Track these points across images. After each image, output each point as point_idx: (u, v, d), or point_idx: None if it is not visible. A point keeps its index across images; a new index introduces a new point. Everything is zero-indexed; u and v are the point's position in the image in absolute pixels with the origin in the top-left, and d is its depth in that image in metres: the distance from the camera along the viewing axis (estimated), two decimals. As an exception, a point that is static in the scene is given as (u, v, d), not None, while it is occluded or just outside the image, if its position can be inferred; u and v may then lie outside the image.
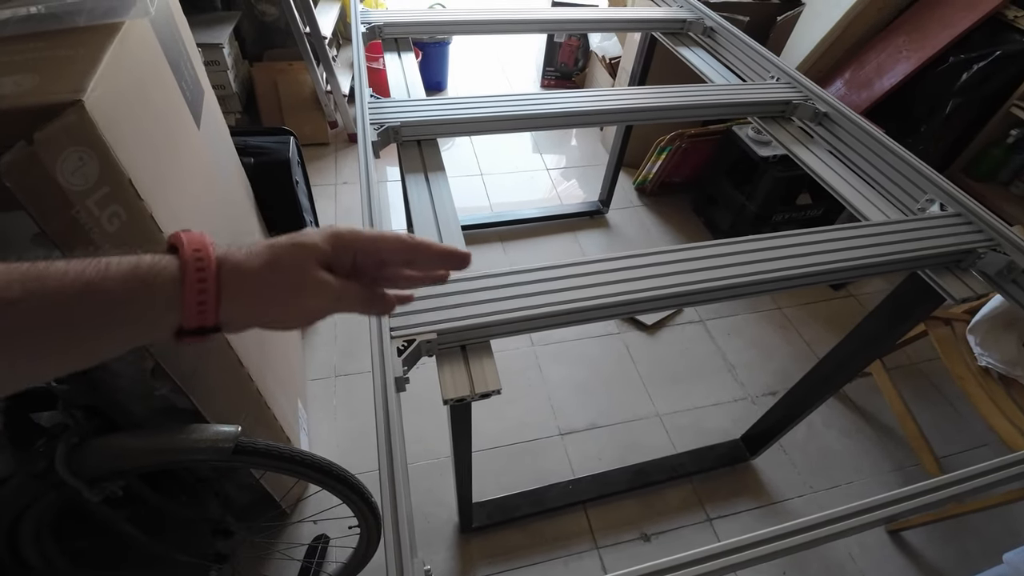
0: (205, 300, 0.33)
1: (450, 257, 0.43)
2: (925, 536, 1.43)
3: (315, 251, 0.37)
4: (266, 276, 0.35)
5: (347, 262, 0.39)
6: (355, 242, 0.39)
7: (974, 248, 0.81)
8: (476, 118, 0.98)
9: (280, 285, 0.36)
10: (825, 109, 1.07)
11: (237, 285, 0.34)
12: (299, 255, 0.37)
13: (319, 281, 0.37)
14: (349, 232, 0.39)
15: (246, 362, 0.96)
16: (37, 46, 0.59)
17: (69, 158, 0.52)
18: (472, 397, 0.61)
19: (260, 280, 0.35)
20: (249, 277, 0.35)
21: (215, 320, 0.34)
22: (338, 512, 1.02)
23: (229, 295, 0.34)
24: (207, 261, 0.33)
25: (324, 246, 0.38)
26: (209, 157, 0.96)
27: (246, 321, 0.37)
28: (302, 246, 0.37)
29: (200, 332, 0.35)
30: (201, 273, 0.33)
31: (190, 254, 0.33)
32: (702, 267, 0.74)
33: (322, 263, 0.38)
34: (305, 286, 0.37)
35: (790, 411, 1.31)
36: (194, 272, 0.33)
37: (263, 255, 0.36)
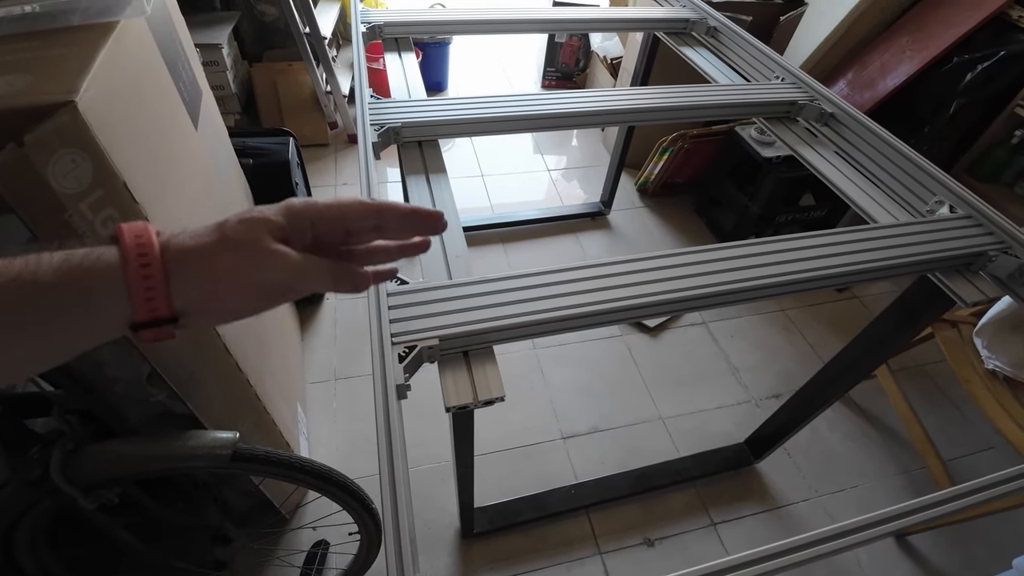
0: (153, 287, 0.31)
1: (417, 216, 0.40)
2: (932, 540, 1.41)
3: (266, 224, 0.35)
4: (215, 255, 0.33)
5: (306, 234, 0.37)
6: (311, 210, 0.37)
7: (985, 251, 0.80)
8: (477, 119, 0.97)
9: (232, 263, 0.33)
10: (831, 110, 1.06)
11: (186, 269, 0.32)
12: (249, 229, 0.34)
13: (274, 253, 0.34)
14: (303, 202, 0.37)
15: (244, 367, 0.95)
16: (30, 45, 0.58)
17: (61, 160, 0.51)
18: (475, 404, 0.60)
19: (209, 260, 0.33)
20: (197, 259, 0.33)
21: (169, 310, 0.32)
22: (338, 518, 1.01)
23: (179, 281, 0.32)
24: (149, 247, 0.31)
25: (277, 218, 0.35)
26: (207, 159, 0.95)
27: (204, 308, 0.34)
28: (251, 220, 0.34)
29: (156, 324, 0.32)
30: (144, 258, 0.31)
31: (131, 241, 0.31)
32: (708, 271, 0.72)
33: (277, 236, 0.35)
34: (258, 260, 0.34)
35: (795, 415, 1.30)
36: (135, 259, 0.31)
37: (210, 234, 0.34)
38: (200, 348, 0.82)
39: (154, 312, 0.32)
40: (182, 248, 0.33)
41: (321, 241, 0.38)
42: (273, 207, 0.36)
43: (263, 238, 0.34)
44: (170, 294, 0.32)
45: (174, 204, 0.74)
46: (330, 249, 0.39)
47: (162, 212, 0.68)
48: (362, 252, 0.41)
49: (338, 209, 0.37)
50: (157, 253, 0.31)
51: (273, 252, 0.34)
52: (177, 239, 0.33)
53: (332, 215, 0.37)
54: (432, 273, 0.73)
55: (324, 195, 2.18)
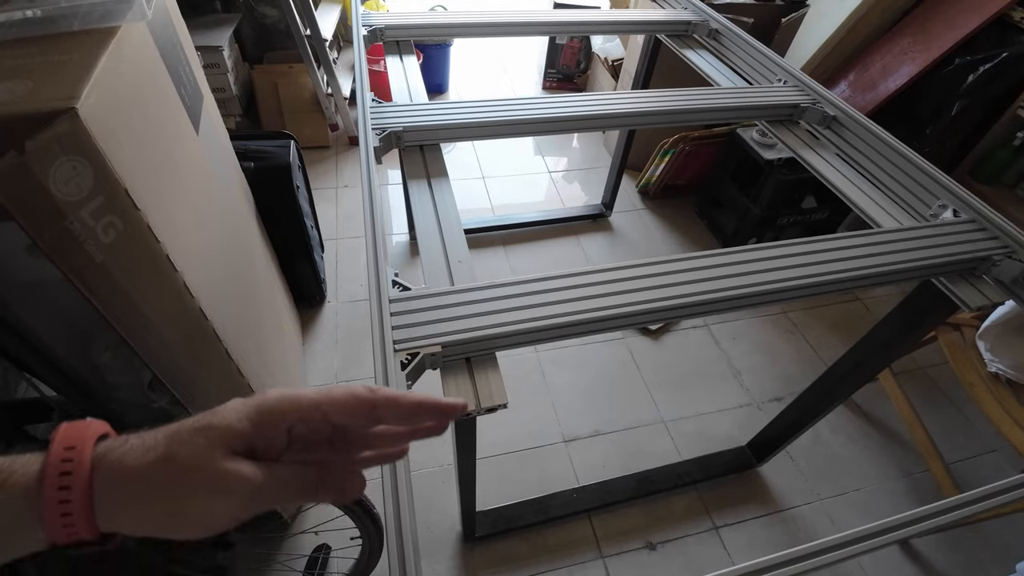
0: (70, 512, 0.27)
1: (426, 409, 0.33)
2: (935, 543, 1.41)
3: (225, 435, 0.30)
4: (152, 476, 0.28)
5: (277, 441, 0.31)
6: (287, 412, 0.31)
7: (989, 255, 0.79)
8: (479, 123, 0.97)
9: (169, 487, 0.29)
10: (833, 113, 1.06)
11: (115, 492, 0.28)
12: (201, 444, 0.29)
13: (223, 476, 0.29)
14: (279, 400, 0.31)
15: (245, 371, 0.94)
16: (30, 51, 0.57)
17: (62, 167, 0.51)
18: (478, 412, 0.59)
19: (143, 483, 0.28)
20: (129, 480, 0.28)
21: (92, 533, 0.28)
22: (339, 523, 1.00)
23: (105, 504, 0.28)
24: (78, 463, 0.27)
25: (240, 426, 0.30)
26: (208, 164, 0.95)
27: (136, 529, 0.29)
28: (207, 430, 0.30)
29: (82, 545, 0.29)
30: (65, 479, 0.27)
31: (56, 455, 0.28)
32: (711, 276, 0.72)
33: (237, 448, 0.30)
34: (203, 484, 0.29)
35: (798, 418, 1.29)
36: (55, 480, 0.27)
37: (157, 447, 0.29)
38: (201, 354, 0.82)
39: (73, 536, 0.28)
40: (117, 467, 0.28)
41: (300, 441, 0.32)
42: (241, 408, 0.31)
43: (212, 456, 0.29)
44: (93, 518, 0.28)
45: (175, 210, 0.74)
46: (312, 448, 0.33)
47: (163, 218, 0.68)
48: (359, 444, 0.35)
49: (325, 407, 0.32)
50: (84, 473, 0.28)
51: (224, 476, 0.29)
52: (113, 452, 0.29)
53: (316, 415, 0.32)
54: (434, 279, 0.73)
55: (325, 197, 2.18)
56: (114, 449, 0.29)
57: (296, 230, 1.53)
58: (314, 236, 1.70)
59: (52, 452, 0.28)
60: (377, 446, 0.36)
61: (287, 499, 0.31)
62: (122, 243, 0.60)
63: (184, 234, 0.75)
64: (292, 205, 1.47)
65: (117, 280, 0.61)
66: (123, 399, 0.79)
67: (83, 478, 0.27)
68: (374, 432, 0.35)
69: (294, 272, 1.63)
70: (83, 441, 0.28)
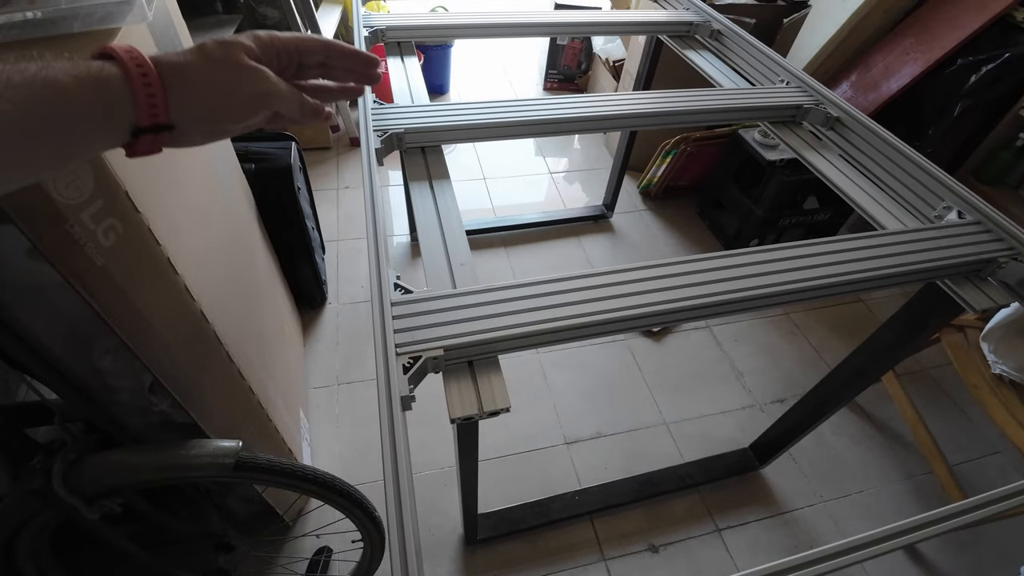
0: (154, 94, 0.35)
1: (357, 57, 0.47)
2: (938, 545, 1.40)
3: (242, 45, 0.40)
4: (203, 68, 0.38)
5: (272, 62, 0.42)
6: (275, 40, 0.42)
7: (995, 257, 0.79)
8: (480, 124, 0.96)
9: (218, 75, 0.38)
10: (836, 114, 1.05)
11: (180, 81, 0.36)
12: (229, 49, 0.39)
13: (253, 67, 0.40)
14: (268, 32, 0.42)
15: (246, 374, 0.94)
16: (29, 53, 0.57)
17: (62, 171, 0.50)
18: (480, 416, 0.59)
19: (199, 72, 0.38)
20: (188, 72, 0.37)
21: (167, 117, 0.36)
22: (341, 526, 1.00)
23: (174, 89, 0.36)
24: (144, 62, 0.35)
25: (249, 42, 0.40)
26: (209, 165, 0.94)
27: (197, 116, 0.38)
28: (228, 42, 0.39)
29: (155, 130, 0.36)
30: (142, 69, 0.35)
31: (127, 57, 0.34)
32: (715, 279, 0.72)
33: (252, 57, 0.40)
34: (240, 73, 0.39)
35: (801, 420, 1.29)
36: (135, 69, 0.34)
37: (194, 54, 0.38)
38: (202, 357, 0.82)
39: (155, 118, 0.36)
40: (173, 63, 0.37)
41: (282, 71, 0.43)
42: (244, 34, 0.41)
43: (241, 55, 0.39)
44: (168, 101, 0.36)
45: (176, 212, 0.74)
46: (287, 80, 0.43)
47: (164, 220, 0.68)
48: (309, 88, 0.47)
49: (296, 42, 0.44)
50: (153, 67, 0.35)
51: (251, 67, 0.40)
52: (166, 57, 0.37)
53: (291, 47, 0.43)
54: (436, 281, 0.73)
55: (326, 199, 2.18)
56: (164, 55, 0.37)
57: (297, 231, 1.53)
58: (315, 237, 1.70)
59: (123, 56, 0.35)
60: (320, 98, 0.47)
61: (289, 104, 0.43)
62: (123, 246, 0.60)
63: (185, 236, 0.75)
64: (293, 206, 1.47)
65: (118, 283, 0.61)
66: (124, 402, 0.79)
67: (153, 70, 0.35)
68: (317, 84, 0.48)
69: (295, 274, 1.62)
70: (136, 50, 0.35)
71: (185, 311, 0.75)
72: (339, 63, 0.47)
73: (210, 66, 0.38)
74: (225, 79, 0.39)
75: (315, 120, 0.45)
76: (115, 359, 0.72)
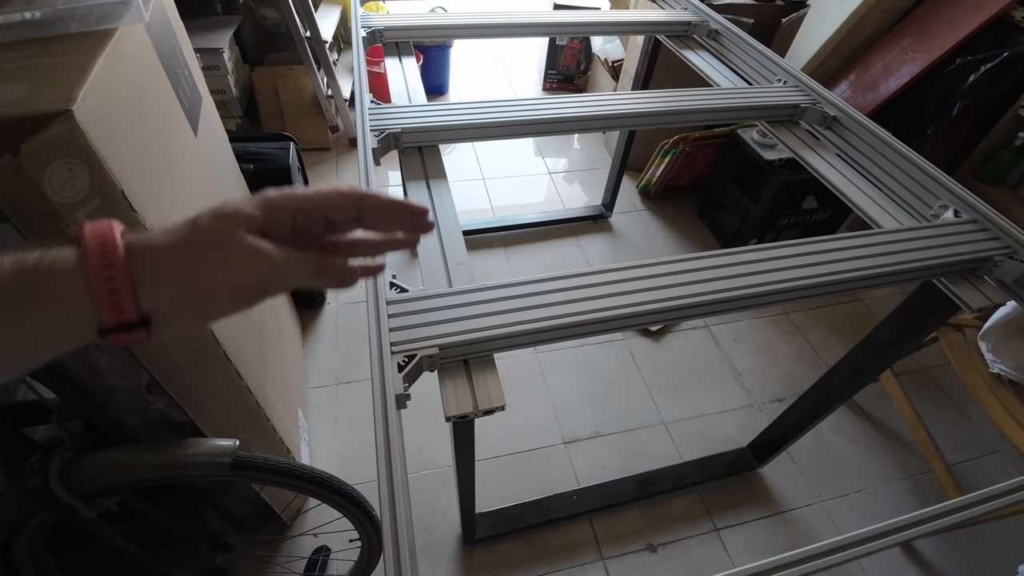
0: (117, 289, 0.29)
1: (399, 209, 0.39)
2: (936, 545, 1.40)
3: (240, 217, 0.33)
4: (184, 252, 0.31)
5: (285, 227, 0.35)
6: (289, 202, 0.35)
7: (991, 256, 0.79)
8: (477, 124, 0.96)
9: (203, 260, 0.32)
10: (834, 113, 1.05)
11: (153, 268, 0.31)
12: (222, 224, 0.32)
13: (247, 247, 0.32)
14: (281, 193, 0.35)
15: (244, 373, 0.94)
16: (27, 53, 0.57)
17: (58, 170, 0.51)
18: (475, 414, 0.59)
19: (177, 258, 0.31)
20: (165, 256, 0.31)
21: (136, 313, 0.30)
22: (339, 525, 1.00)
23: (146, 280, 0.30)
24: (112, 246, 0.30)
25: (252, 211, 0.33)
26: (207, 165, 0.95)
27: (176, 310, 0.32)
28: (225, 214, 0.33)
29: (125, 328, 0.30)
30: (106, 258, 0.29)
31: (91, 239, 0.30)
32: (712, 277, 0.72)
33: (253, 230, 0.33)
34: (232, 256, 0.32)
35: (799, 419, 1.29)
36: (97, 258, 0.29)
37: (181, 231, 0.32)
38: (199, 356, 0.82)
39: (121, 316, 0.30)
40: (149, 246, 0.31)
41: (302, 233, 0.36)
42: (250, 199, 0.34)
43: (236, 232, 0.32)
44: (137, 296, 0.30)
45: (174, 212, 0.74)
46: (311, 242, 0.37)
47: (161, 221, 0.68)
48: (345, 244, 0.40)
49: (318, 199, 0.36)
50: (121, 252, 0.30)
51: (245, 245, 0.32)
52: (143, 237, 0.31)
53: (312, 206, 0.36)
54: (432, 280, 0.73)
55: (325, 199, 2.18)
56: (142, 235, 0.32)
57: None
58: (314, 238, 1.70)
59: (87, 240, 0.30)
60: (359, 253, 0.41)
61: (300, 278, 0.35)
62: (119, 245, 0.60)
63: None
64: (292, 207, 1.47)
65: (114, 282, 0.61)
66: (121, 401, 0.79)
67: (121, 257, 0.30)
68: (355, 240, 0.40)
69: (294, 274, 1.63)
70: (110, 229, 0.30)
71: (182, 310, 0.75)
72: (376, 215, 0.39)
73: (194, 249, 0.32)
74: (212, 265, 0.32)
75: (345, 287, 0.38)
76: (112, 358, 0.72)
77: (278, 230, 0.35)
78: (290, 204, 0.35)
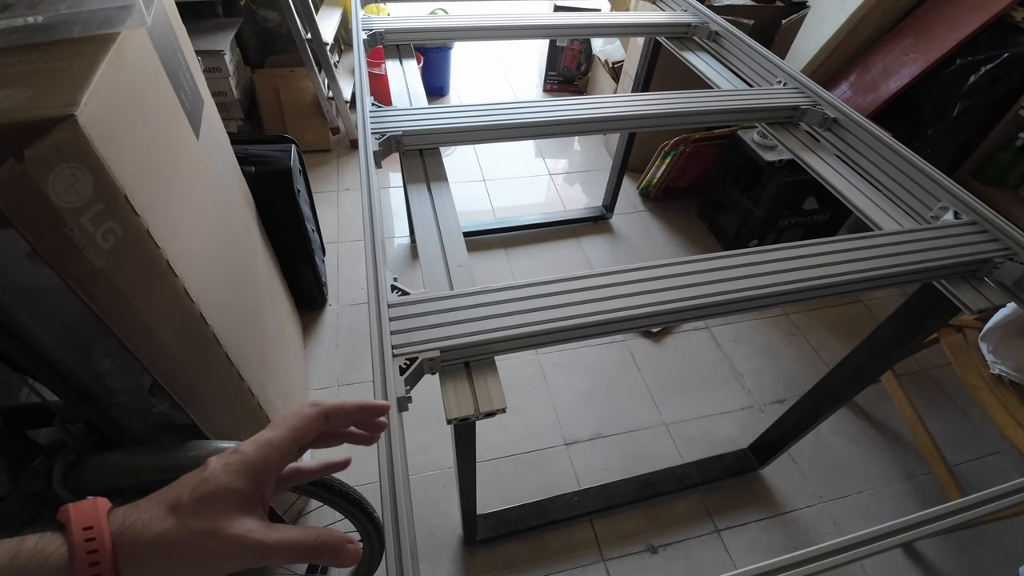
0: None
1: (365, 411, 0.41)
2: (938, 546, 1.40)
3: (227, 499, 0.33)
4: (169, 548, 0.31)
5: (270, 485, 0.36)
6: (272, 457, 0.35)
7: (991, 257, 0.79)
8: (478, 127, 0.97)
9: (189, 555, 0.32)
10: (834, 115, 1.05)
11: (137, 562, 0.31)
12: (209, 513, 0.32)
13: (237, 540, 0.32)
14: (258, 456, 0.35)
15: (246, 375, 0.94)
16: (30, 58, 0.58)
17: (61, 175, 0.51)
18: (476, 416, 0.59)
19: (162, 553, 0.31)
20: (151, 552, 0.31)
21: None
22: (340, 527, 1.00)
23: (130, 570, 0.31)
24: (100, 543, 0.30)
25: (237, 485, 0.33)
26: (209, 168, 0.95)
27: None
28: (211, 499, 0.33)
29: None
30: (94, 556, 0.30)
31: (79, 536, 0.30)
32: (712, 279, 0.72)
33: (241, 507, 0.33)
34: (217, 552, 0.32)
35: (800, 420, 1.29)
36: (84, 557, 0.30)
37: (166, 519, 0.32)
38: (202, 359, 0.82)
39: None
40: (136, 539, 0.31)
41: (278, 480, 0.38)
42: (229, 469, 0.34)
43: (222, 523, 0.32)
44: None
45: (176, 215, 0.74)
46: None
47: (164, 224, 0.68)
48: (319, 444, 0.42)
49: (292, 437, 0.37)
50: (108, 548, 0.30)
51: (234, 540, 0.32)
52: (131, 529, 0.31)
53: (290, 445, 0.37)
54: (433, 283, 0.73)
55: (327, 201, 2.18)
56: (129, 525, 0.31)
57: (297, 233, 1.53)
58: (315, 239, 1.70)
59: (74, 533, 0.30)
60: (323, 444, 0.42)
61: (292, 559, 0.35)
62: (122, 249, 0.60)
63: (184, 239, 0.76)
64: (293, 208, 1.47)
65: (117, 286, 0.61)
66: (124, 404, 0.79)
67: (108, 554, 0.30)
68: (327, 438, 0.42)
69: (295, 275, 1.63)
70: (97, 520, 0.31)
71: (184, 313, 0.75)
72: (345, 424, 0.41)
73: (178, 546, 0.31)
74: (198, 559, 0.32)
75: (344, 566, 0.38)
76: (115, 361, 0.72)
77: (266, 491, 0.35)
78: (272, 458, 0.35)
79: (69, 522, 0.31)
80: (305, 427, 0.38)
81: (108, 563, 0.30)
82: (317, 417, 0.38)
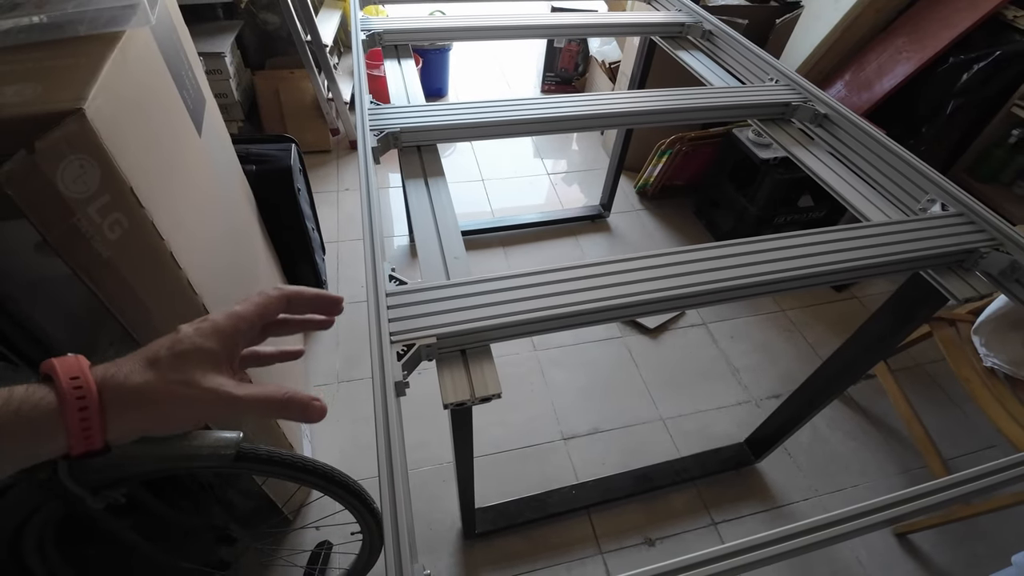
0: (89, 428, 0.33)
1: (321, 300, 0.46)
2: (933, 539, 1.41)
3: (200, 355, 0.36)
4: (149, 395, 0.35)
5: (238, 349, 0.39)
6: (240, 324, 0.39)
7: (976, 248, 0.80)
8: (475, 123, 0.98)
9: (165, 402, 0.35)
10: (824, 111, 1.07)
11: (122, 409, 0.34)
12: (183, 366, 0.36)
13: (209, 392, 0.36)
14: (227, 323, 0.39)
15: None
16: (39, 55, 0.60)
17: (70, 166, 0.53)
18: (472, 401, 0.61)
19: (144, 400, 0.35)
20: (133, 399, 0.34)
21: (101, 443, 0.34)
22: (340, 518, 1.02)
23: (115, 419, 0.34)
24: (87, 390, 0.33)
25: (209, 344, 0.37)
26: (211, 165, 0.97)
27: (137, 433, 0.36)
28: (185, 355, 0.36)
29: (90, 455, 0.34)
30: (82, 401, 0.32)
31: (67, 384, 0.32)
32: (703, 268, 0.74)
33: (212, 364, 0.37)
34: (194, 399, 0.35)
35: (794, 414, 1.31)
36: (74, 402, 0.32)
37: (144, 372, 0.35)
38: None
39: (89, 447, 0.33)
40: (118, 387, 0.34)
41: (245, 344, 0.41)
42: (202, 331, 0.37)
43: (196, 375, 0.36)
44: (105, 431, 0.33)
45: (180, 209, 0.76)
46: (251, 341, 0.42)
47: (167, 216, 0.70)
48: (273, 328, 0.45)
49: (259, 311, 0.41)
50: (95, 395, 0.33)
51: (208, 391, 0.36)
52: (114, 378, 0.34)
53: (256, 318, 0.41)
54: (431, 274, 0.75)
55: (327, 200, 2.20)
56: (111, 375, 0.35)
57: (297, 232, 1.55)
58: (315, 238, 1.72)
59: (62, 381, 0.33)
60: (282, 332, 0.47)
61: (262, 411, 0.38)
62: (127, 240, 0.62)
63: (188, 232, 0.78)
64: (293, 207, 1.49)
65: (123, 276, 0.63)
66: (128, 395, 0.81)
67: (95, 399, 0.33)
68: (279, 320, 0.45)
69: (295, 274, 1.65)
70: (82, 372, 0.34)
71: (188, 304, 0.77)
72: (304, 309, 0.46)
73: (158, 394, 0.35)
74: (175, 406, 0.35)
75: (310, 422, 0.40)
76: (119, 350, 0.74)
77: (233, 354, 0.39)
78: (240, 326, 0.39)
79: (56, 372, 0.33)
80: (269, 304, 0.42)
81: (95, 407, 0.33)
82: (280, 298, 0.43)
